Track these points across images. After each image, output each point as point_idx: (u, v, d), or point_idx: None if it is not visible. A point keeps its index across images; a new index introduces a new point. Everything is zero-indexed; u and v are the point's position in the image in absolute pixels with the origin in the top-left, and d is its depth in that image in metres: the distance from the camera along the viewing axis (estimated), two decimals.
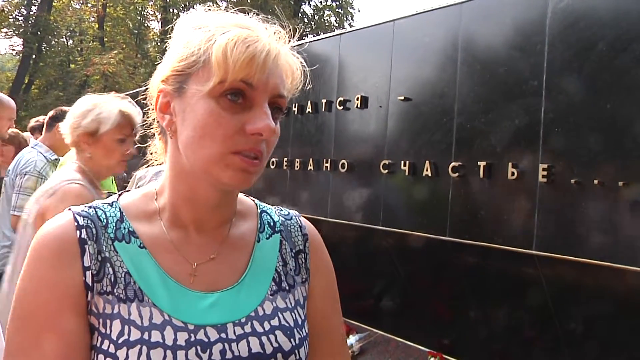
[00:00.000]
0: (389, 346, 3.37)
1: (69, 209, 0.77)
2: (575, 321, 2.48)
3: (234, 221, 0.85)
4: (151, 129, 0.86)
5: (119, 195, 0.83)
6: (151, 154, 0.88)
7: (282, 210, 0.93)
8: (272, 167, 4.16)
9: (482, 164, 2.68)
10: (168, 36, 0.81)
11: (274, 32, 0.76)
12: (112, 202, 0.81)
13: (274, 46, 0.73)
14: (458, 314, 2.96)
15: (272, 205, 0.95)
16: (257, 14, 0.79)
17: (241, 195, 0.89)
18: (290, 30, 0.78)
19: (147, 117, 0.85)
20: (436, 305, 2.38)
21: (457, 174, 2.82)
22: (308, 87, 0.81)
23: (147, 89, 0.83)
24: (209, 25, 0.74)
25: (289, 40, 0.78)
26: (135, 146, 1.86)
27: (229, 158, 0.72)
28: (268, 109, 0.73)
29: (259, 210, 0.90)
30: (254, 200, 0.92)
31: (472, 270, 2.92)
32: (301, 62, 0.79)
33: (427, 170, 2.98)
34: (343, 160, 3.56)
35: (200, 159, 0.73)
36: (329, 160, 3.68)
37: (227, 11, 0.79)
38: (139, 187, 1.72)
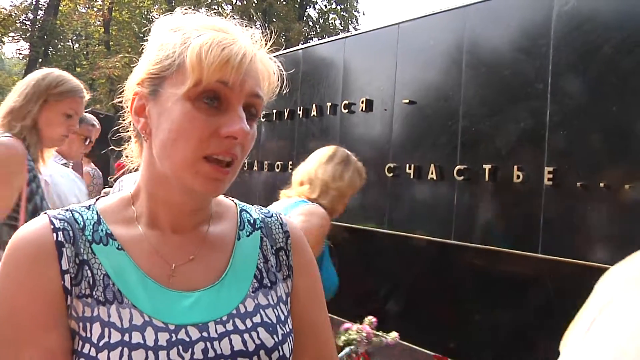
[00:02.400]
0: (395, 350, 3.36)
1: (45, 213, 0.76)
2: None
3: (212, 221, 0.84)
4: (127, 131, 0.85)
5: (96, 200, 0.83)
6: (127, 156, 0.87)
7: (262, 208, 0.93)
8: (277, 170, 4.16)
9: (487, 167, 2.67)
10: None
11: (251, 36, 0.76)
12: (89, 206, 0.80)
13: (249, 49, 0.72)
14: (463, 317, 2.95)
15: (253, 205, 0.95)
16: (234, 17, 0.78)
17: (219, 197, 0.88)
18: (267, 34, 0.78)
19: (124, 120, 0.84)
20: (441, 309, 2.37)
21: (462, 177, 2.81)
22: (285, 92, 0.81)
23: (123, 91, 0.83)
24: (184, 28, 0.74)
25: (265, 45, 0.78)
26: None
27: (199, 164, 0.71)
28: (243, 112, 0.73)
29: (239, 209, 0.90)
30: (233, 200, 0.92)
31: (478, 274, 2.91)
32: (278, 66, 0.79)
33: (432, 174, 2.98)
34: None
35: (173, 163, 0.73)
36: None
37: (231, 15, 0.78)
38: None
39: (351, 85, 3.68)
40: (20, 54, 24.93)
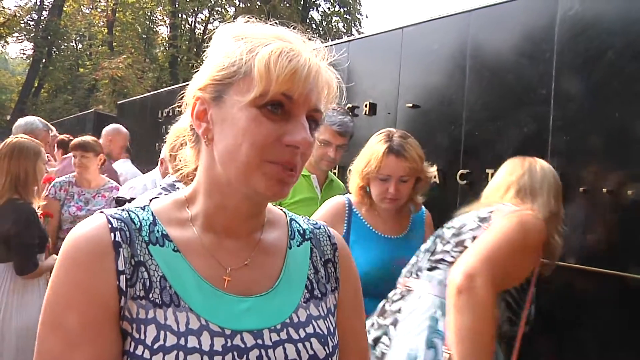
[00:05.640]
0: None
1: (102, 212, 0.76)
2: (583, 330, 2.46)
3: (265, 228, 0.85)
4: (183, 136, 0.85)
5: (150, 200, 0.83)
6: (180, 161, 0.88)
7: (309, 219, 0.94)
8: None
9: (490, 171, 2.67)
10: (177, 42, 0.81)
11: (314, 48, 0.77)
12: (144, 206, 0.80)
13: (314, 62, 0.73)
14: None
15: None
16: (295, 27, 0.79)
17: (269, 205, 0.89)
18: (327, 47, 0.79)
19: (180, 125, 0.86)
20: None
21: (465, 182, 2.82)
22: (343, 100, 0.82)
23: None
24: (250, 37, 0.74)
25: (326, 56, 0.79)
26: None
27: (266, 166, 0.72)
28: (306, 122, 0.73)
29: (288, 219, 0.91)
30: (282, 209, 0.93)
31: None
32: (337, 78, 0.80)
33: (435, 178, 2.98)
34: (351, 167, 3.56)
35: (237, 167, 0.72)
36: (337, 166, 3.69)
37: (236, 18, 0.79)
38: None
39: (355, 89, 3.69)
40: (23, 54, 25.03)
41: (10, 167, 2.73)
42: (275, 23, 0.79)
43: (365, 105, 3.49)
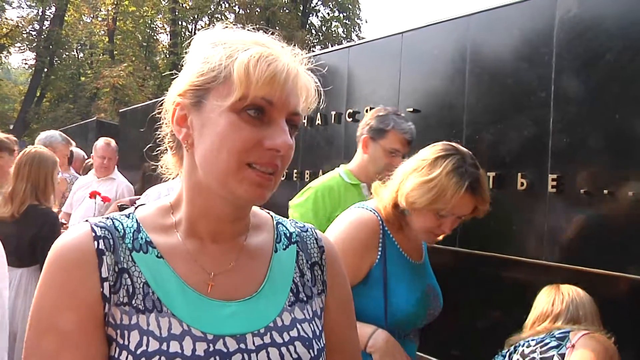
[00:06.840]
0: None
1: (87, 220, 0.78)
2: None
3: (250, 232, 0.86)
4: (163, 143, 0.86)
5: (135, 208, 0.84)
6: (161, 167, 0.88)
7: (297, 222, 0.94)
8: (282, 178, 4.18)
9: (491, 174, 2.68)
10: (177, 49, 0.82)
11: (292, 53, 0.77)
12: (129, 214, 0.82)
13: (292, 66, 0.74)
14: (468, 324, 2.95)
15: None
16: (273, 33, 0.80)
17: (255, 208, 0.90)
18: (306, 51, 0.80)
19: (160, 132, 0.86)
20: (444, 315, 2.38)
21: None
22: (321, 104, 0.83)
23: (159, 102, 0.84)
24: (229, 42, 0.75)
25: (304, 61, 0.80)
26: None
27: (244, 171, 0.73)
28: (286, 126, 0.74)
29: (275, 222, 0.91)
30: (269, 213, 0.93)
31: (482, 281, 2.91)
32: (315, 82, 0.81)
33: None
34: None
35: (217, 171, 0.73)
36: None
37: (237, 24, 0.80)
38: None
39: (355, 94, 3.70)
40: (26, 63, 25.18)
41: (31, 174, 2.87)
42: (275, 29, 0.80)
43: (366, 111, 3.50)
